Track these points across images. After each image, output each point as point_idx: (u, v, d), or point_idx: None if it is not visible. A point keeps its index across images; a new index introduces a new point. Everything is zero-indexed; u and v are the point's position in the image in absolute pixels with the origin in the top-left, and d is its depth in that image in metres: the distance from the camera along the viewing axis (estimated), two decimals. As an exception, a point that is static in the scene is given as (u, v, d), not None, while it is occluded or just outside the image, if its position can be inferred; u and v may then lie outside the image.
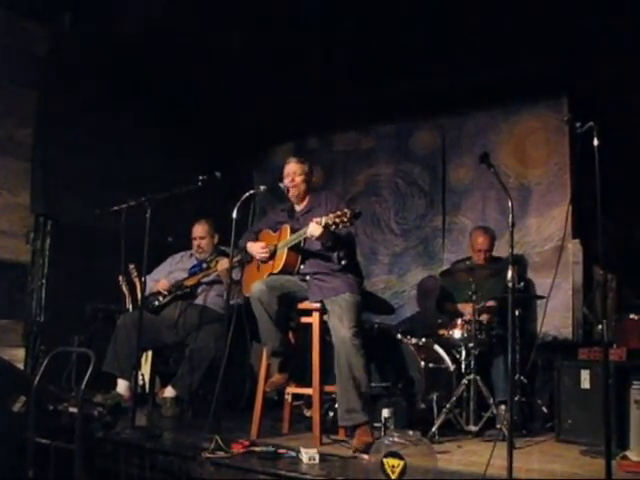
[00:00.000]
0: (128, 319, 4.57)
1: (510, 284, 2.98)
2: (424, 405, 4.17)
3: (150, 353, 4.90)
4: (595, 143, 2.79)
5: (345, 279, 3.77)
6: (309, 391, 3.80)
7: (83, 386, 3.23)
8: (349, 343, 3.55)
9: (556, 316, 5.00)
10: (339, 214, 3.42)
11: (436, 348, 4.48)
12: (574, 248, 5.05)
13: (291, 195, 4.00)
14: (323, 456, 3.17)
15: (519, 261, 5.09)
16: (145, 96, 5.60)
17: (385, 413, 3.55)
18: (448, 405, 4.03)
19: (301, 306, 3.86)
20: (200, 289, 4.82)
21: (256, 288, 3.72)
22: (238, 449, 3.24)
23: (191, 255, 5.03)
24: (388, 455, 2.72)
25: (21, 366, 4.86)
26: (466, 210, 5.75)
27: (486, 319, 4.44)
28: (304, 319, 3.88)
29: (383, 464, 2.72)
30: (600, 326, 4.33)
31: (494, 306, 4.53)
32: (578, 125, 2.82)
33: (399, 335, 4.53)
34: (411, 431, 2.94)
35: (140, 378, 4.70)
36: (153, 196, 3.93)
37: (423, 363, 4.26)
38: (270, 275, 3.88)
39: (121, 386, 4.42)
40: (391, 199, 6.19)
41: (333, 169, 6.52)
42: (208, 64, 5.36)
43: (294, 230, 3.87)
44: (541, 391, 4.61)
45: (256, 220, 4.17)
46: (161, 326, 4.68)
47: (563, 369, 4.06)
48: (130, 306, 5.10)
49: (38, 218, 5.25)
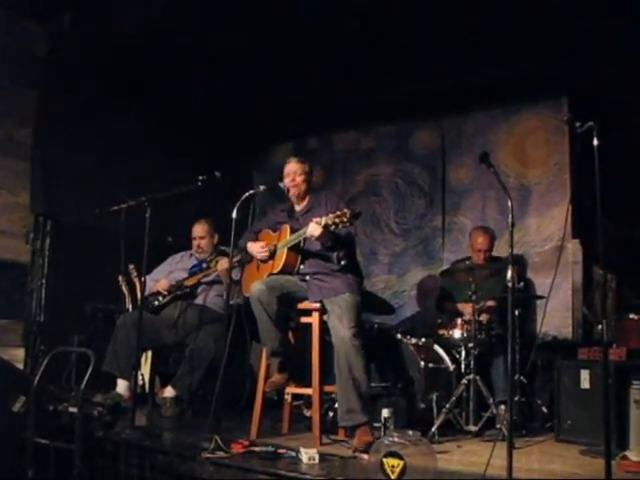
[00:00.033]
0: (128, 319, 4.57)
1: (510, 284, 2.98)
2: (424, 405, 4.16)
3: (150, 353, 4.90)
4: (595, 143, 2.79)
5: (345, 279, 3.77)
6: (309, 391, 3.80)
7: (83, 386, 3.24)
8: (349, 343, 3.54)
9: (556, 316, 4.99)
10: (339, 214, 3.42)
11: (436, 348, 4.48)
12: (574, 248, 5.05)
13: (291, 195, 4.00)
14: (323, 456, 3.17)
15: (519, 261, 5.09)
16: (145, 96, 5.59)
17: (385, 413, 3.55)
18: (448, 405, 4.02)
19: (301, 306, 3.86)
20: (200, 289, 4.82)
21: (256, 288, 3.72)
22: (238, 449, 3.24)
23: (191, 255, 5.03)
24: (388, 455, 2.72)
25: (21, 366, 4.86)
26: (466, 210, 5.75)
27: (486, 319, 4.44)
28: (304, 319, 3.88)
29: (383, 464, 2.72)
30: (600, 326, 4.33)
31: (494, 306, 4.53)
32: (578, 125, 2.82)
33: (399, 335, 4.52)
34: (411, 431, 2.94)
35: (140, 378, 4.70)
36: (153, 196, 3.93)
37: (423, 363, 4.26)
38: (270, 275, 3.88)
39: (121, 386, 4.42)
40: (391, 199, 6.19)
41: (333, 169, 6.52)
42: (208, 64, 5.36)
43: (294, 230, 3.86)
44: (541, 391, 4.61)
45: (256, 220, 4.17)
46: (161, 326, 4.68)
47: (563, 369, 4.06)
48: (130, 306, 5.10)
49: (38, 218, 5.25)
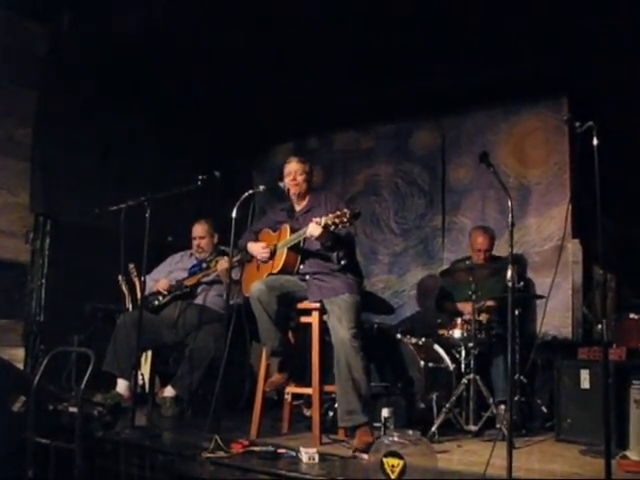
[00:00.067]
0: (128, 319, 4.57)
1: (510, 284, 2.98)
2: (424, 405, 4.17)
3: (150, 353, 4.90)
4: (595, 143, 2.79)
5: (344, 279, 3.76)
6: (309, 391, 3.80)
7: (83, 386, 3.24)
8: (348, 344, 3.54)
9: (556, 316, 5.00)
10: (339, 214, 3.42)
11: (436, 348, 4.48)
12: (574, 248, 5.05)
13: (292, 194, 3.99)
14: (323, 456, 3.17)
15: (519, 261, 5.09)
16: (145, 96, 5.58)
17: (385, 413, 3.55)
18: (448, 405, 4.02)
19: (301, 306, 3.86)
20: (200, 289, 4.82)
21: (255, 288, 3.72)
22: (238, 449, 3.24)
23: (191, 255, 5.03)
24: (388, 455, 2.72)
25: (21, 366, 4.86)
26: (466, 210, 5.75)
27: (486, 319, 4.44)
28: (304, 319, 3.88)
29: (383, 464, 2.72)
30: (600, 326, 4.33)
31: (494, 305, 4.53)
32: (578, 125, 2.82)
33: (399, 335, 4.52)
34: (411, 431, 2.94)
35: (140, 378, 4.70)
36: (153, 196, 3.93)
37: (423, 363, 4.26)
38: (269, 275, 3.88)
39: (121, 386, 4.42)
40: (391, 199, 6.19)
41: (333, 169, 6.52)
42: (208, 64, 5.35)
43: (294, 230, 3.86)
44: (541, 391, 4.61)
45: (255, 220, 4.17)
46: (161, 326, 4.68)
47: (563, 369, 4.06)
48: (130, 306, 5.10)
49: (38, 218, 5.25)
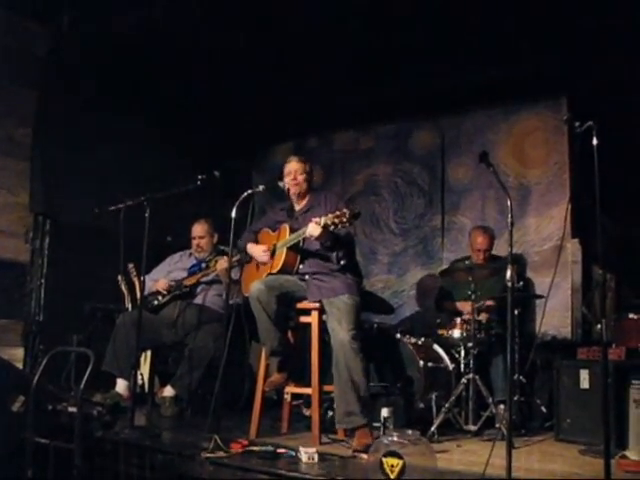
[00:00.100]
0: (127, 318, 4.57)
1: (509, 283, 2.97)
2: (423, 404, 4.17)
3: (149, 353, 4.90)
4: (594, 142, 2.79)
5: (344, 279, 3.76)
6: (308, 390, 3.79)
7: (82, 385, 3.24)
8: (348, 346, 3.54)
9: (555, 315, 4.99)
10: (338, 214, 3.42)
11: (435, 347, 4.48)
12: (573, 247, 5.05)
13: (292, 194, 3.99)
14: (322, 455, 3.17)
15: (518, 260, 5.09)
16: (145, 96, 5.58)
17: (384, 413, 3.55)
18: (447, 404, 4.02)
19: (300, 306, 3.86)
20: (199, 289, 4.82)
21: (255, 288, 3.72)
22: (237, 448, 3.24)
23: (190, 254, 5.02)
24: (387, 454, 2.72)
25: (20, 365, 4.87)
26: (465, 209, 5.75)
27: (485, 318, 4.44)
28: (303, 318, 3.88)
29: (382, 463, 2.72)
30: (599, 325, 4.32)
31: (493, 305, 4.53)
32: (577, 125, 2.82)
33: (398, 335, 4.52)
34: (410, 430, 2.93)
35: (139, 378, 4.70)
36: (152, 195, 3.93)
37: (422, 362, 4.26)
38: (269, 275, 3.87)
39: (120, 385, 4.42)
40: (390, 199, 6.19)
41: (332, 169, 6.52)
42: (208, 64, 5.35)
43: (293, 230, 3.86)
44: (540, 391, 4.61)
45: (255, 219, 4.17)
46: (160, 326, 4.67)
47: (562, 369, 4.06)
48: (129, 305, 5.10)
49: (37, 217, 5.26)
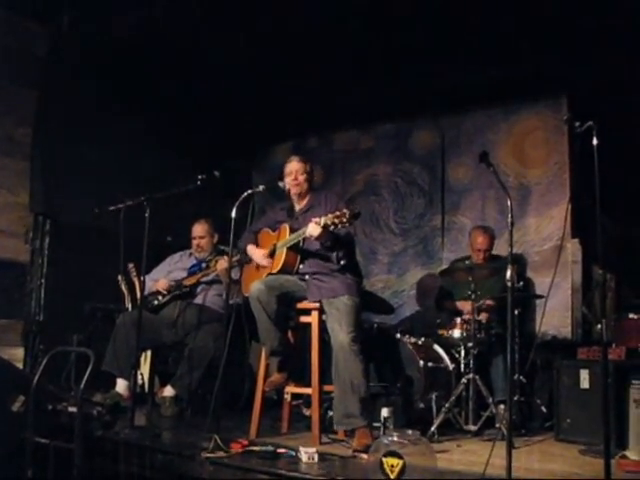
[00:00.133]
0: (127, 318, 4.57)
1: (509, 283, 2.97)
2: (423, 404, 4.17)
3: (149, 352, 4.90)
4: (594, 142, 2.79)
5: (344, 279, 3.76)
6: (308, 390, 3.79)
7: (82, 385, 3.24)
8: (347, 348, 3.54)
9: (555, 315, 4.99)
10: (338, 214, 3.41)
11: (435, 347, 4.48)
12: (573, 247, 5.05)
13: (293, 194, 3.98)
14: (322, 455, 3.17)
15: (518, 260, 5.09)
16: (145, 96, 5.58)
17: (384, 412, 3.55)
18: (447, 404, 4.02)
19: (300, 305, 3.85)
20: (199, 288, 4.82)
21: (255, 288, 3.72)
22: (237, 448, 3.24)
23: (190, 254, 5.02)
24: (387, 454, 2.72)
25: (20, 365, 4.87)
26: (465, 209, 5.75)
27: (485, 318, 4.44)
28: (303, 318, 3.88)
29: (382, 463, 2.72)
30: (599, 325, 4.32)
31: (493, 305, 4.53)
32: (577, 124, 2.82)
33: (398, 334, 4.52)
34: (410, 430, 2.93)
35: (139, 377, 4.70)
36: (152, 195, 3.93)
37: (422, 362, 4.26)
38: (269, 275, 3.87)
39: (120, 385, 4.42)
40: (390, 198, 6.19)
41: (332, 168, 6.52)
42: (208, 64, 5.35)
43: (293, 229, 3.86)
44: (540, 390, 4.61)
45: (255, 219, 4.17)
46: (160, 325, 4.67)
47: (562, 368, 4.06)
48: (129, 305, 5.10)
49: (37, 217, 5.26)
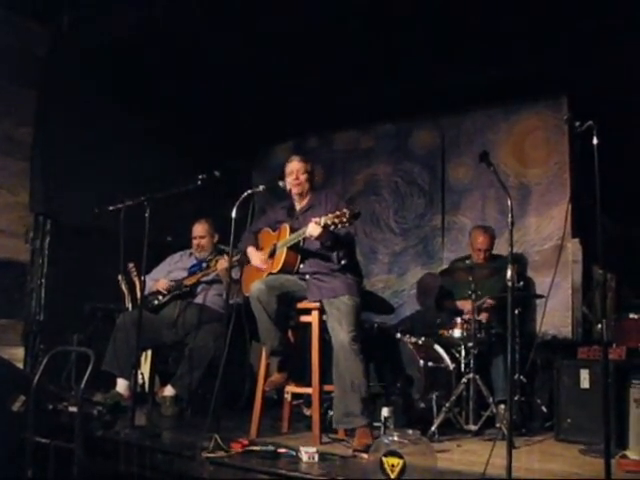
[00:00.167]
0: (127, 318, 4.57)
1: (509, 283, 2.97)
2: (423, 404, 4.17)
3: (149, 352, 4.90)
4: (594, 142, 2.79)
5: (344, 279, 3.76)
6: (308, 390, 3.80)
7: (82, 385, 3.24)
8: (348, 348, 3.54)
9: (555, 315, 4.99)
10: (338, 214, 3.41)
11: (436, 347, 4.48)
12: (573, 247, 5.05)
13: (294, 194, 3.98)
14: (323, 455, 3.17)
15: (519, 260, 5.09)
16: (145, 96, 5.58)
17: (384, 412, 3.54)
18: (447, 404, 4.03)
19: (300, 305, 3.86)
20: (199, 288, 4.82)
21: (255, 287, 3.72)
22: (237, 448, 3.23)
23: (190, 254, 5.02)
24: (387, 454, 2.72)
25: (20, 365, 4.86)
26: (465, 209, 5.75)
27: (485, 318, 4.44)
28: (303, 318, 3.88)
29: (382, 463, 2.72)
30: (599, 325, 4.33)
31: (493, 305, 4.53)
32: (577, 124, 2.82)
33: (398, 334, 4.52)
34: (410, 430, 2.93)
35: (139, 377, 4.70)
36: (152, 195, 3.93)
37: (422, 362, 4.26)
38: (269, 274, 3.88)
39: (120, 385, 4.42)
40: (390, 198, 6.19)
41: (332, 168, 6.52)
42: (208, 64, 5.35)
43: (293, 229, 3.86)
44: (540, 390, 4.61)
45: (255, 219, 4.17)
46: (160, 325, 4.67)
47: (562, 368, 4.06)
48: (129, 305, 5.10)
49: (37, 217, 5.26)
